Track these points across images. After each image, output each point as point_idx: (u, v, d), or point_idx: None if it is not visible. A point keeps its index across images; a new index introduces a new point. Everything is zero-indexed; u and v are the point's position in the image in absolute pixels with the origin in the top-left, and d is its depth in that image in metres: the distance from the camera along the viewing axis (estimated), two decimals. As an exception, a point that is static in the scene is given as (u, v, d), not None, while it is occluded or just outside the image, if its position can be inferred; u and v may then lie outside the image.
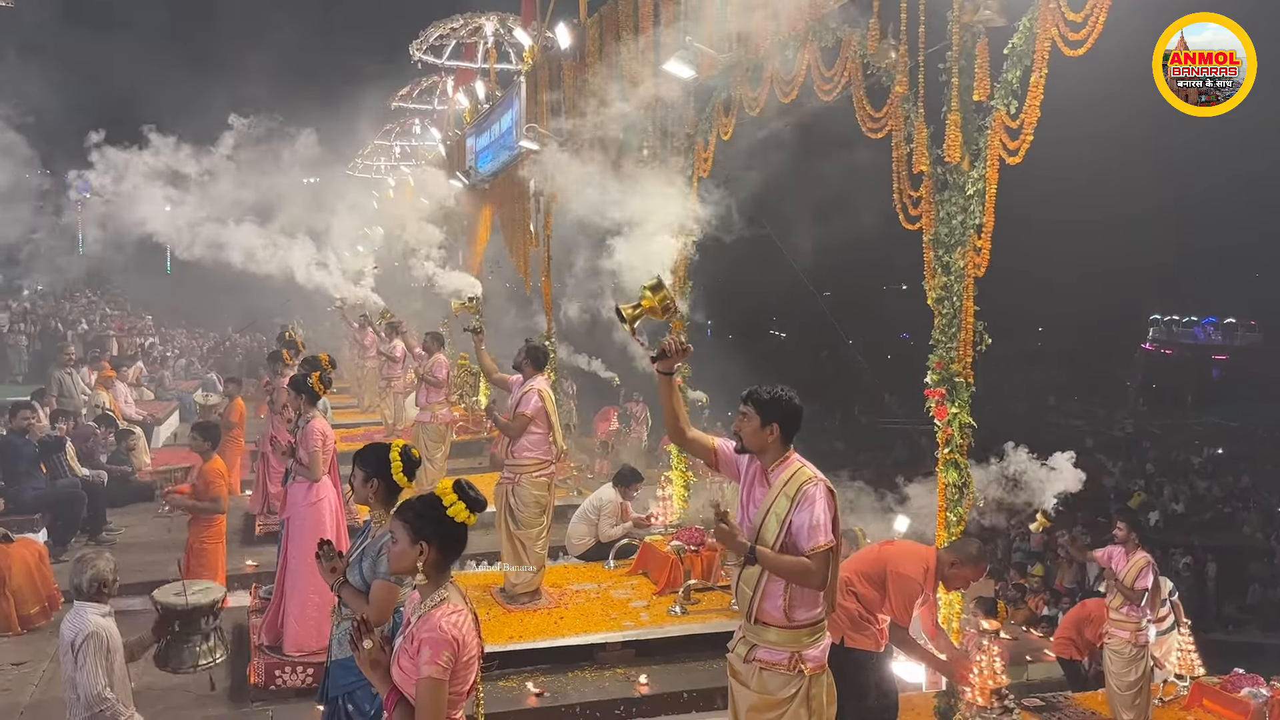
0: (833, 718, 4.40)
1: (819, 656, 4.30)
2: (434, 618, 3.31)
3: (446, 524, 3.38)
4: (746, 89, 7.79)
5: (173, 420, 18.18)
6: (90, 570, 5.07)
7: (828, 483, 4.25)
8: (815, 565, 4.15)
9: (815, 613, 4.28)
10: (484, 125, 15.56)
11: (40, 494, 10.31)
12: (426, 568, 3.39)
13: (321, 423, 6.94)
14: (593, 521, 9.14)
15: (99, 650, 4.90)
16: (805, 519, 4.17)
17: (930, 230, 5.95)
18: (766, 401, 4.31)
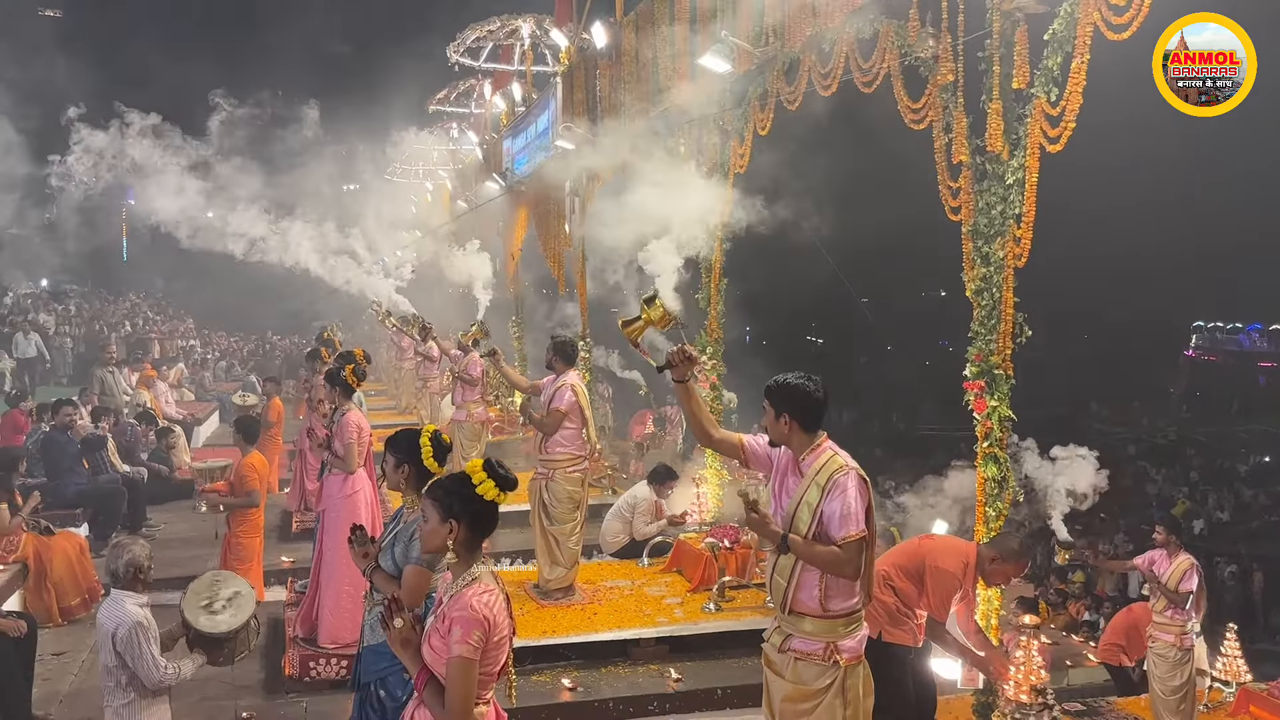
0: (869, 711, 4.32)
1: (855, 648, 4.23)
2: (465, 597, 3.29)
3: (476, 502, 3.37)
4: (783, 83, 7.74)
5: (213, 421, 18.39)
6: (126, 555, 5.10)
7: (860, 471, 4.18)
8: (847, 554, 4.09)
9: (851, 603, 4.21)
10: (520, 127, 15.59)
11: (82, 489, 10.45)
12: (457, 546, 3.38)
13: (357, 415, 6.97)
14: (627, 519, 9.10)
15: (146, 638, 4.93)
16: (837, 508, 4.10)
17: (969, 221, 5.86)
18: (774, 390, 4.26)
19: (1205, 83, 4.93)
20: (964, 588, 5.41)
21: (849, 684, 4.20)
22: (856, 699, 4.21)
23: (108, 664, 4.93)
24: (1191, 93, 4.95)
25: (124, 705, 4.97)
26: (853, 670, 4.21)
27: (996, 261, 5.71)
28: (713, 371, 9.46)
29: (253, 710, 6.38)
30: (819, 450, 4.23)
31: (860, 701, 4.24)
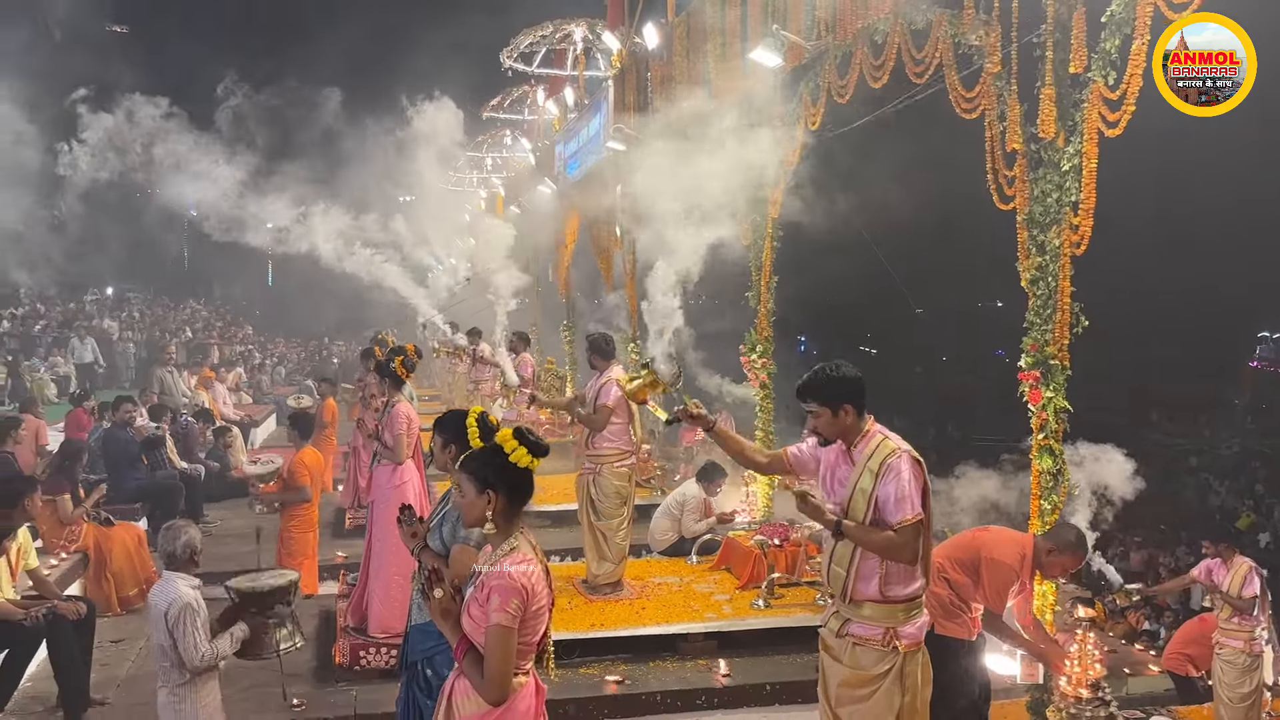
0: (927, 701, 4.24)
1: (915, 634, 4.16)
2: (503, 566, 3.31)
3: (510, 470, 3.40)
4: (834, 76, 7.69)
5: (270, 423, 18.65)
6: (184, 536, 5.18)
7: (913, 452, 4.12)
8: (904, 538, 4.03)
9: (912, 588, 4.14)
10: (573, 131, 15.67)
11: (141, 484, 10.65)
12: (495, 516, 3.40)
13: (406, 407, 7.01)
14: (676, 517, 9.06)
15: (193, 620, 5.00)
16: (891, 491, 4.05)
17: (1024, 209, 5.78)
18: (826, 387, 4.19)
19: (1205, 83, 4.95)
20: (1021, 580, 5.30)
21: (908, 670, 4.13)
22: (915, 686, 4.14)
23: (163, 644, 5.00)
24: (1191, 93, 4.98)
25: (180, 685, 5.02)
26: (912, 657, 4.15)
27: (1052, 250, 5.63)
28: (763, 370, 9.40)
29: (303, 698, 6.43)
30: (868, 436, 4.18)
31: (918, 690, 4.16)
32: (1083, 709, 5.04)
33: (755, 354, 9.37)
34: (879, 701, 4.13)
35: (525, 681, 3.40)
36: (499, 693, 3.28)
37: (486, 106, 20.41)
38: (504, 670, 3.26)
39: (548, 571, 3.45)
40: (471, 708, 3.35)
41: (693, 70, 10.14)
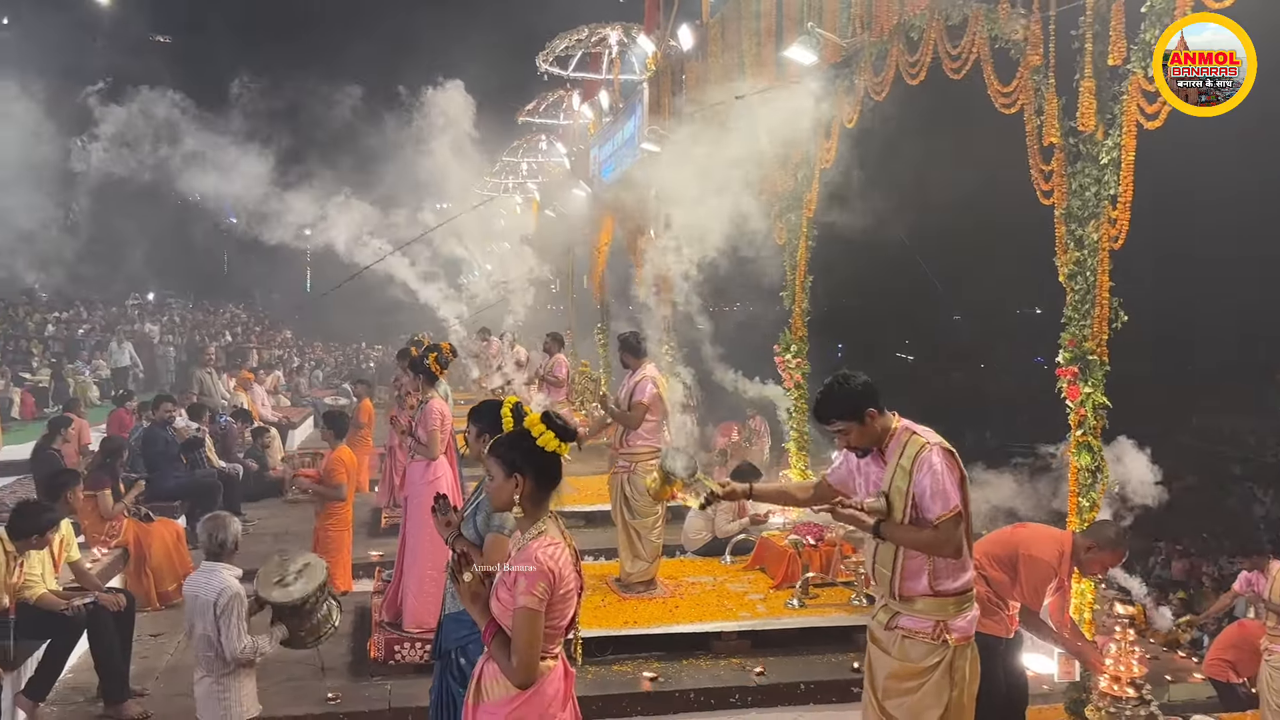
0: (974, 695, 4.17)
1: (965, 628, 4.10)
2: (530, 549, 3.31)
3: (537, 454, 3.40)
4: (870, 74, 7.66)
5: (307, 425, 18.80)
6: (234, 526, 5.26)
7: (944, 444, 4.06)
8: (945, 534, 3.98)
9: (963, 580, 4.09)
10: (608, 135, 15.72)
11: (180, 482, 10.76)
12: (523, 500, 3.40)
13: (440, 403, 7.05)
14: (709, 517, 9.02)
15: (241, 610, 5.05)
16: (926, 486, 4.00)
17: (1062, 204, 5.72)
18: (845, 402, 4.11)
19: (1205, 83, 4.97)
20: (1059, 577, 5.24)
21: (957, 664, 4.07)
22: (964, 680, 4.08)
23: (209, 635, 5.03)
24: (1191, 93, 4.99)
25: (225, 675, 5.07)
26: (961, 651, 4.09)
27: (1090, 244, 5.57)
28: (797, 370, 9.36)
29: (338, 691, 6.46)
30: (896, 433, 4.12)
31: (967, 684, 4.10)
32: (1122, 708, 4.96)
33: (790, 354, 9.33)
34: (927, 694, 4.07)
35: (553, 665, 3.40)
36: (526, 675, 3.29)
37: (522, 111, 20.51)
38: (531, 653, 3.27)
39: (576, 556, 3.45)
40: (500, 691, 3.36)
41: (727, 70, 10.14)
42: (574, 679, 3.55)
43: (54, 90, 18.34)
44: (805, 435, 9.45)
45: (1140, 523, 5.97)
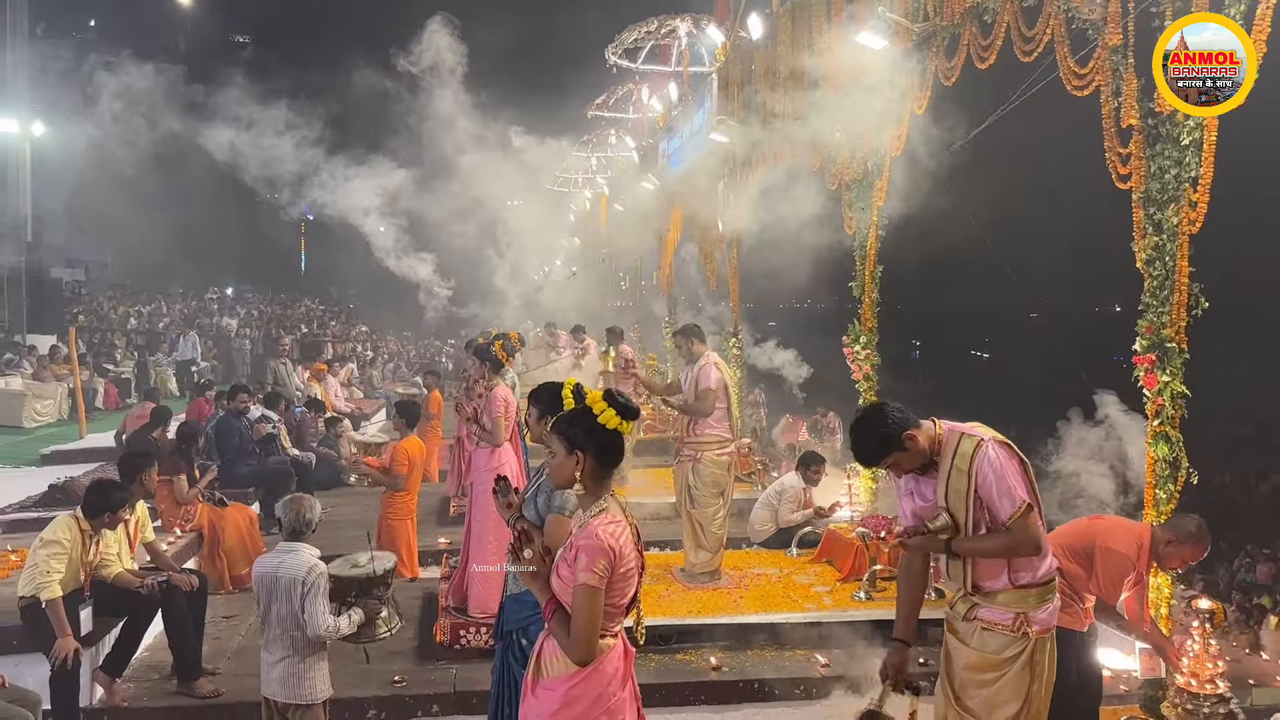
0: (1051, 686, 4.05)
1: (1047, 619, 3.98)
2: (592, 527, 3.31)
3: (599, 432, 3.40)
4: (941, 58, 7.52)
5: (380, 417, 19.06)
6: (315, 509, 5.31)
7: (998, 437, 3.92)
8: (1020, 534, 3.85)
9: (1043, 570, 3.96)
10: (676, 127, 15.68)
11: (253, 470, 10.98)
12: (584, 477, 3.41)
13: (505, 390, 7.09)
14: (774, 507, 8.96)
15: (325, 588, 5.11)
16: (991, 485, 3.86)
17: (1140, 187, 5.55)
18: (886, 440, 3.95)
19: (1205, 83, 4.98)
20: (1137, 571, 5.08)
21: (1038, 657, 3.96)
22: (1044, 673, 3.97)
23: (294, 613, 5.04)
24: (1191, 93, 5.01)
25: (310, 655, 5.10)
26: (1042, 644, 3.97)
27: (1170, 229, 5.40)
28: (866, 362, 9.23)
29: (404, 674, 6.53)
30: (944, 440, 3.98)
31: (1046, 677, 3.99)
32: (1200, 705, 4.79)
33: (859, 345, 9.20)
34: (1006, 687, 3.96)
35: (613, 644, 3.40)
36: (585, 652, 3.28)
37: (591, 105, 20.56)
38: (590, 630, 3.26)
39: (638, 535, 3.43)
40: (559, 667, 3.36)
41: (797, 58, 10.04)
42: (634, 658, 3.53)
43: (140, 92, 18.81)
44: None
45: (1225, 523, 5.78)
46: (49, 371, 18.41)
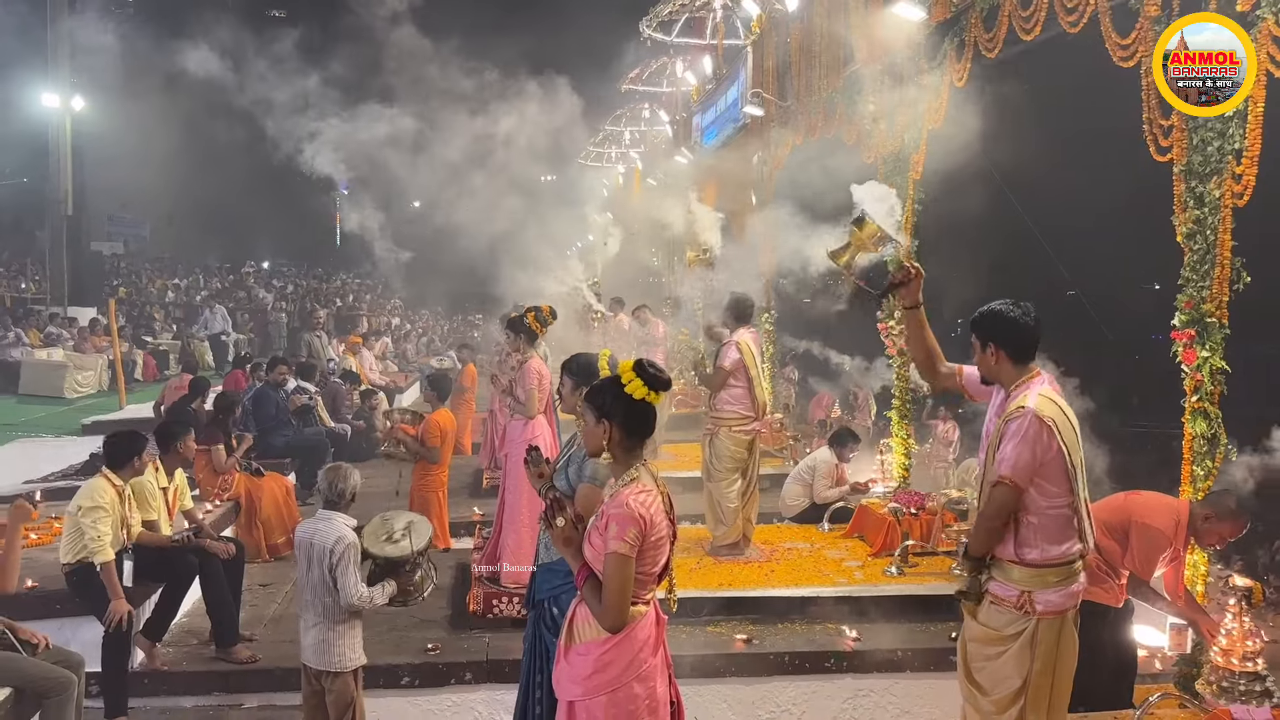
0: (1071, 671, 4.00)
1: (1057, 602, 3.90)
2: (622, 495, 3.33)
3: (626, 401, 3.41)
4: (980, 30, 7.42)
5: (413, 390, 19.19)
6: (352, 479, 5.35)
7: (1042, 414, 3.81)
8: (990, 500, 3.89)
9: (1053, 553, 3.88)
10: (710, 101, 15.60)
11: (289, 441, 11.09)
12: (613, 446, 3.43)
13: (538, 362, 7.11)
14: (807, 482, 8.95)
15: (356, 560, 5.15)
16: (1005, 447, 3.86)
17: (1182, 160, 5.46)
18: (979, 320, 4.03)
19: (1205, 83, 5.01)
20: (1174, 547, 5.04)
21: (1041, 638, 3.90)
22: (1050, 654, 3.91)
23: (325, 580, 5.08)
24: (1191, 93, 5.04)
25: (340, 623, 5.14)
26: (1049, 624, 3.90)
27: (1212, 202, 5.31)
28: (900, 338, 9.16)
29: (437, 643, 6.60)
30: (1021, 387, 3.95)
31: (1056, 660, 3.93)
32: (1235, 682, 4.74)
33: (894, 320, 9.14)
34: (1007, 664, 3.94)
35: (645, 611, 3.42)
36: (616, 619, 3.31)
37: (625, 79, 20.48)
38: (621, 598, 3.29)
39: (670, 504, 3.44)
40: (591, 634, 3.39)
41: (833, 31, 9.94)
42: (665, 626, 3.56)
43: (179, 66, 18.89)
44: (907, 405, 9.26)
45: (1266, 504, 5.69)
46: (89, 343, 18.65)
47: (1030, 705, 3.91)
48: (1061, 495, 3.88)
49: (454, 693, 6.35)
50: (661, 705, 3.48)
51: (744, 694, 6.41)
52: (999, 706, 3.95)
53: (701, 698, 6.27)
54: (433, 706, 6.34)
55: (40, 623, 5.71)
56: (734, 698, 6.41)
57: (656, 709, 3.45)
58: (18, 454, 12.49)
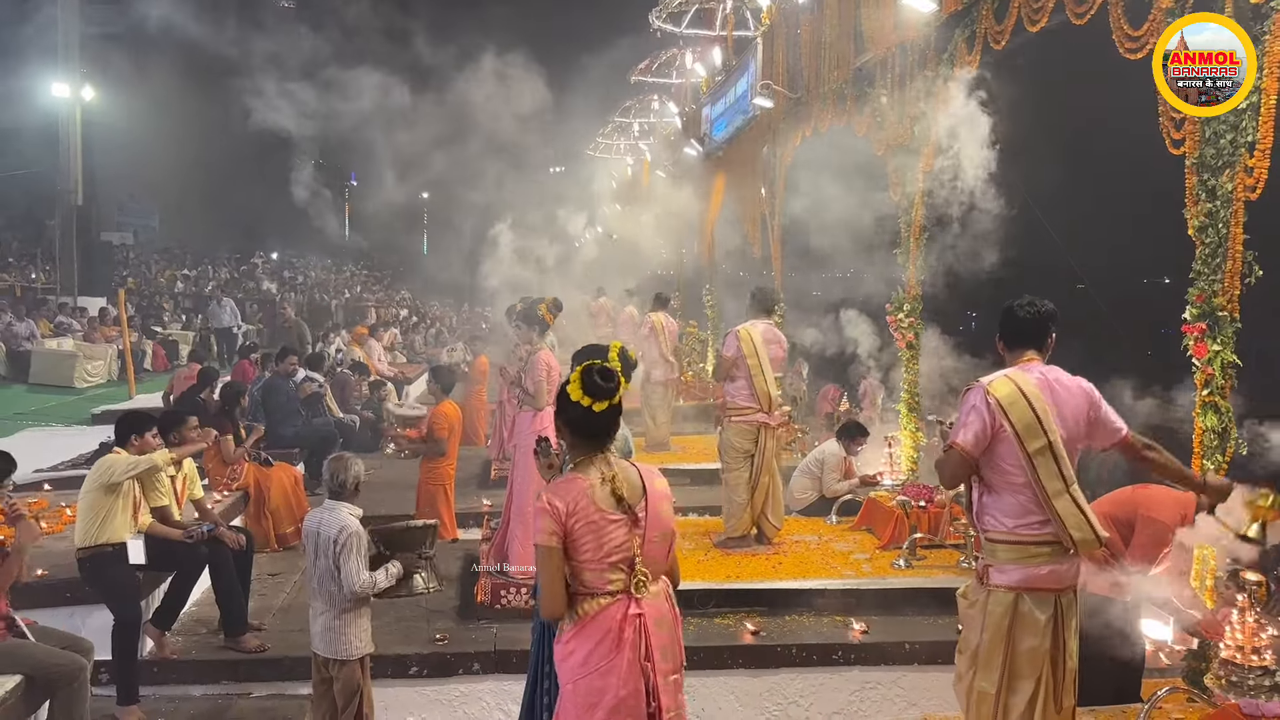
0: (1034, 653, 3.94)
1: (1005, 579, 3.96)
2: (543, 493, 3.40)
3: (564, 401, 3.47)
4: (991, 21, 7.39)
5: (422, 381, 19.21)
6: (354, 469, 5.36)
7: (988, 389, 3.93)
8: (940, 461, 4.13)
9: (1008, 525, 3.96)
10: (720, 93, 15.56)
11: (298, 431, 11.12)
12: (568, 448, 3.52)
13: (547, 354, 7.11)
14: (815, 475, 8.95)
15: (360, 548, 5.17)
16: (957, 419, 4.09)
17: (1194, 152, 5.43)
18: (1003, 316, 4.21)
19: (1205, 83, 5.01)
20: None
21: (990, 609, 4.00)
22: (998, 628, 3.96)
23: (330, 569, 5.13)
24: (1191, 93, 5.05)
25: (345, 611, 5.17)
26: (998, 599, 3.97)
27: (1224, 195, 5.28)
28: (910, 330, 9.15)
29: (445, 633, 6.62)
30: None
31: (1006, 634, 3.94)
32: (1245, 677, 4.73)
33: (902, 313, 9.12)
34: (969, 627, 4.12)
35: (606, 604, 3.38)
36: (547, 608, 3.39)
37: (634, 70, 20.42)
38: (549, 588, 3.35)
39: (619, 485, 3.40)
40: (566, 623, 3.45)
41: (844, 22, 9.91)
42: (648, 619, 3.42)
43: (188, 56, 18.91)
44: (916, 397, 9.25)
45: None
46: (99, 333, 18.71)
47: (980, 671, 4.02)
48: (1016, 474, 3.93)
49: (462, 683, 6.36)
50: (629, 705, 3.36)
51: (751, 686, 6.41)
52: (961, 665, 4.15)
53: (708, 689, 6.28)
54: (440, 696, 6.35)
55: (49, 611, 5.77)
56: (741, 689, 6.41)
57: (620, 708, 3.34)
58: (28, 443, 12.52)
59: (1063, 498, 3.89)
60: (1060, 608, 3.99)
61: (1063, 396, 4.03)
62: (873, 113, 9.36)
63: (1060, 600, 4.00)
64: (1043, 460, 3.88)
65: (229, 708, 6.07)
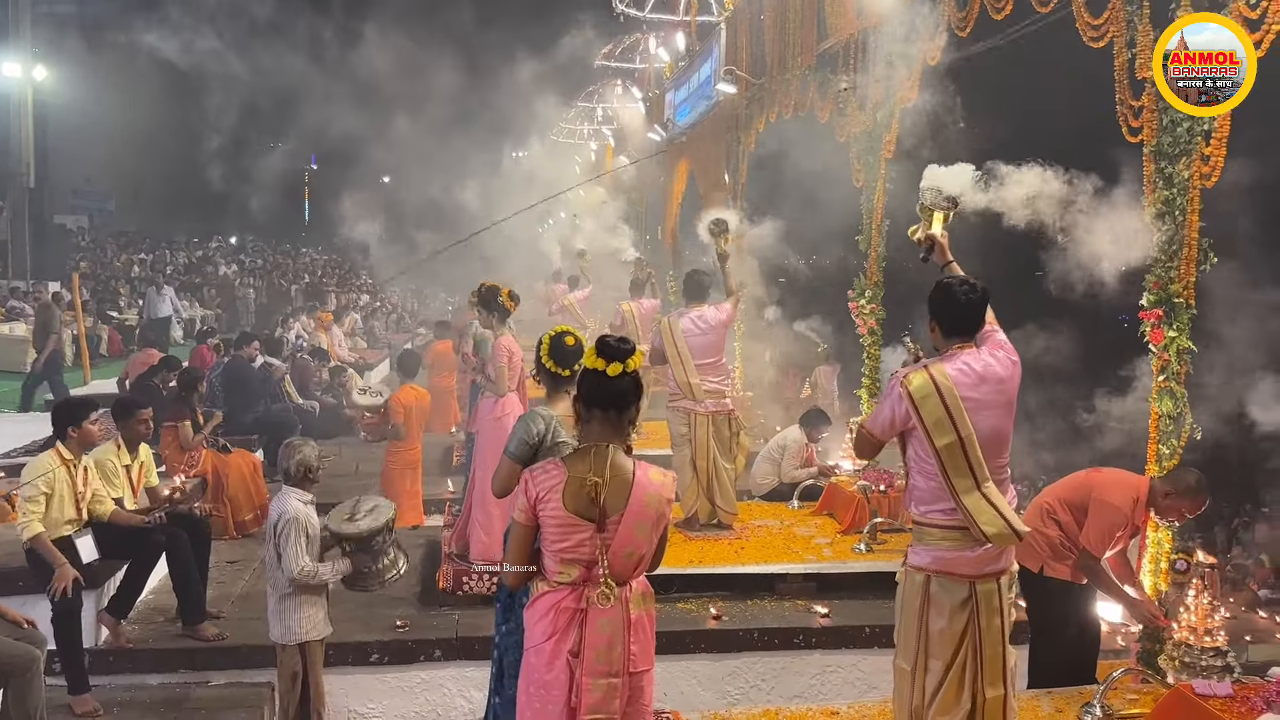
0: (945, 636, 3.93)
1: (918, 562, 4.04)
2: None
3: (584, 375, 3.56)
4: (954, 9, 7.42)
5: (383, 368, 19.09)
6: (298, 455, 5.35)
7: (904, 381, 3.89)
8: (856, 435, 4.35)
9: (922, 510, 4.03)
10: (683, 78, 15.54)
11: (257, 417, 11.01)
12: (580, 431, 3.57)
13: (509, 340, 7.05)
14: (776, 460, 8.99)
15: (299, 534, 5.16)
16: None
17: (1152, 140, 5.49)
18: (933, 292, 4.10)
19: (1205, 83, 5.01)
20: (1131, 524, 5.11)
21: (907, 590, 4.09)
22: (911, 608, 4.03)
23: (275, 555, 5.17)
24: (1191, 93, 5.05)
25: (287, 595, 5.22)
26: (910, 579, 4.07)
27: (1180, 183, 5.35)
28: (871, 316, 9.18)
29: (406, 619, 6.58)
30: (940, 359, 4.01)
31: (918, 614, 3.99)
32: (1197, 658, 4.83)
33: (864, 299, 9.15)
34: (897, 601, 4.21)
35: (547, 591, 3.44)
36: (507, 578, 3.59)
37: (598, 55, 20.34)
38: (513, 558, 3.51)
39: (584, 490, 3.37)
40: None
41: (807, 8, 9.92)
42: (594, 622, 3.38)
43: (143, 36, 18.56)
44: (877, 383, 9.29)
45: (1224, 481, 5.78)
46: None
47: (899, 649, 4.12)
48: (928, 463, 3.91)
49: (423, 669, 6.33)
50: (553, 692, 3.37)
51: (713, 670, 6.44)
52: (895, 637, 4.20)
53: (671, 674, 6.28)
54: (402, 684, 6.32)
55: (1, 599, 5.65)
56: (703, 674, 6.44)
57: (549, 690, 3.38)
58: (-22, 430, 12.32)
59: (972, 494, 3.82)
60: (976, 593, 3.92)
61: (992, 387, 3.93)
62: (835, 99, 9.38)
63: (976, 586, 3.92)
64: (950, 456, 3.81)
65: (187, 696, 6.00)
